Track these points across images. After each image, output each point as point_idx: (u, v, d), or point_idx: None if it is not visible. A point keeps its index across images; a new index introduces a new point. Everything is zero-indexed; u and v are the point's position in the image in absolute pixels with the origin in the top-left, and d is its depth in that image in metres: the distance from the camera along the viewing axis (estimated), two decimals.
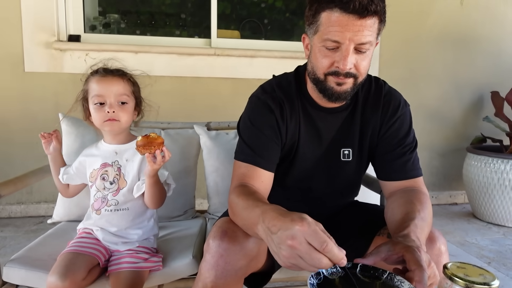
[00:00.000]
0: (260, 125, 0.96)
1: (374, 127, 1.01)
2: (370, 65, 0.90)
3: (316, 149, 1.02)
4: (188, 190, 1.46)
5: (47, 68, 2.38)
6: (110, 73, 1.07)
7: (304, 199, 1.08)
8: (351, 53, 0.83)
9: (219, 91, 2.57)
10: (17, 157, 2.40)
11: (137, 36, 2.85)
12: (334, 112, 1.00)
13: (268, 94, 0.98)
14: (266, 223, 0.68)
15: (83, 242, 1.07)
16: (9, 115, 2.39)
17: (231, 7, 3.24)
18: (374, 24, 0.83)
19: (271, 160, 0.96)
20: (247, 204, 0.80)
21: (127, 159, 1.10)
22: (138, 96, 1.13)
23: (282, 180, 1.04)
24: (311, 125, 1.00)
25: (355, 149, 1.03)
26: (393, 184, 0.99)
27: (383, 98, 1.00)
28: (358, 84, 0.90)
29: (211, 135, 1.46)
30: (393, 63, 2.76)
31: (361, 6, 0.79)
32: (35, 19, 2.33)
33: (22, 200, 2.49)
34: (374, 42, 0.86)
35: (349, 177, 1.07)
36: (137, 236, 1.10)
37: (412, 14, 2.75)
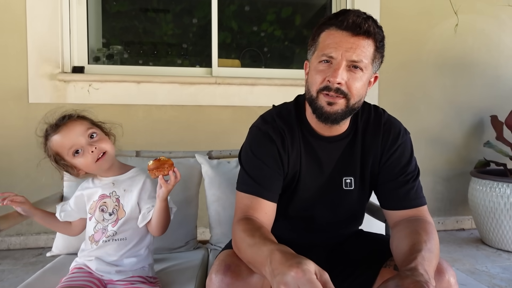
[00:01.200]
0: (262, 155, 0.96)
1: (375, 155, 1.01)
2: (364, 91, 0.91)
3: (317, 178, 1.01)
4: (189, 220, 1.44)
5: (51, 99, 2.41)
6: (61, 123, 1.05)
7: (307, 229, 1.07)
8: (342, 67, 0.86)
9: (220, 119, 2.59)
10: (18, 189, 2.37)
11: (139, 66, 2.91)
12: (334, 141, 1.00)
13: (269, 124, 0.98)
14: (272, 265, 0.67)
15: (75, 277, 1.06)
16: (12, 146, 2.40)
17: (232, 37, 3.33)
18: (367, 46, 0.86)
19: (274, 191, 0.95)
20: (253, 241, 0.79)
21: (125, 189, 1.10)
22: (99, 124, 1.12)
23: (285, 210, 1.03)
24: (312, 155, 1.00)
25: (357, 177, 1.02)
26: (397, 213, 0.98)
27: (383, 126, 1.00)
28: (350, 107, 0.90)
29: (213, 164, 1.45)
30: (392, 89, 2.79)
31: (354, 24, 0.84)
32: (41, 51, 2.39)
33: (21, 231, 2.46)
34: (368, 66, 0.88)
35: (352, 206, 1.06)
36: (131, 264, 1.08)
37: (409, 41, 2.80)
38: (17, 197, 1.11)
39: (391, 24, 2.74)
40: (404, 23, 2.78)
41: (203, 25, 3.20)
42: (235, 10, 3.41)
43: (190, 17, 3.34)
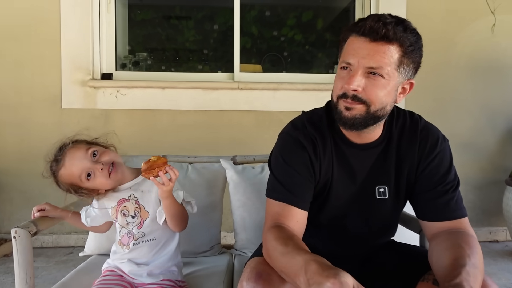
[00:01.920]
0: (293, 162, 0.94)
1: (411, 163, 0.96)
2: (390, 98, 0.88)
3: (349, 186, 0.98)
4: (214, 224, 1.46)
5: (82, 104, 2.52)
6: (60, 156, 1.08)
7: (339, 238, 1.04)
8: (358, 74, 0.84)
9: (242, 124, 2.63)
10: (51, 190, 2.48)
11: (164, 72, 2.99)
12: (366, 148, 0.96)
13: (299, 131, 0.96)
14: (307, 275, 0.67)
15: (107, 280, 1.09)
16: (46, 150, 2.50)
17: (252, 42, 3.37)
18: (389, 52, 0.82)
19: (305, 198, 0.94)
20: (286, 250, 0.78)
21: (142, 191, 1.11)
22: (94, 141, 1.13)
23: (316, 218, 1.01)
24: (344, 162, 0.97)
25: (391, 187, 0.98)
26: (436, 225, 0.93)
27: (420, 133, 0.96)
28: (372, 114, 0.87)
29: (238, 169, 1.47)
30: (420, 94, 2.70)
31: (371, 30, 0.82)
32: (73, 60, 2.50)
33: (54, 230, 2.57)
34: (392, 73, 0.84)
35: (385, 216, 1.03)
36: (162, 263, 1.11)
37: (438, 43, 2.70)
38: (40, 206, 1.17)
39: (418, 24, 2.56)
40: (432, 23, 2.69)
41: (224, 31, 3.26)
42: (255, 16, 3.45)
43: (211, 23, 3.41)
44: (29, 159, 2.52)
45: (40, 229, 1.15)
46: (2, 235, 2.52)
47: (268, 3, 3.53)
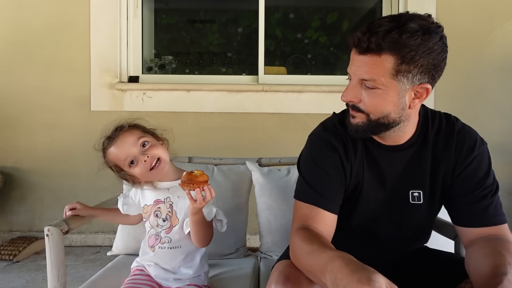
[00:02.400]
0: (323, 164, 0.92)
1: (447, 166, 0.93)
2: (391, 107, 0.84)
3: (380, 190, 0.95)
4: (239, 227, 1.46)
5: (110, 107, 2.58)
6: (114, 135, 1.09)
7: (369, 243, 1.01)
8: (352, 86, 0.85)
9: (266, 126, 2.62)
10: (80, 189, 2.58)
11: (189, 75, 3.03)
12: (397, 150, 0.93)
13: (330, 132, 0.95)
14: (334, 273, 0.65)
15: (137, 279, 1.10)
16: (75, 151, 2.60)
17: (275, 44, 3.36)
18: (380, 63, 0.79)
19: (335, 201, 0.92)
20: (311, 248, 0.77)
21: (178, 196, 1.09)
22: (150, 131, 1.12)
23: (346, 222, 0.98)
24: (374, 164, 0.95)
25: (425, 190, 0.95)
26: (474, 231, 0.89)
27: (456, 136, 0.93)
28: (374, 122, 0.85)
29: (264, 172, 1.46)
30: (450, 94, 2.62)
31: (358, 41, 0.81)
32: (101, 63, 2.57)
33: (82, 229, 2.64)
34: (389, 82, 0.80)
35: (419, 221, 0.99)
36: (187, 275, 1.10)
37: (468, 42, 2.60)
38: (72, 205, 1.19)
39: (448, 23, 2.49)
40: (463, 22, 2.59)
41: (248, 34, 3.26)
42: (279, 18, 3.44)
43: (235, 26, 3.42)
44: (60, 159, 2.61)
45: (72, 227, 1.17)
46: (33, 233, 2.61)
47: (293, 5, 3.52)
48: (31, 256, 2.42)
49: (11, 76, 2.59)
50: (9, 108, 2.60)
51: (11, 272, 2.18)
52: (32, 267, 2.25)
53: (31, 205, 2.63)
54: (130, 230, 1.44)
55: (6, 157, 2.60)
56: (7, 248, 2.37)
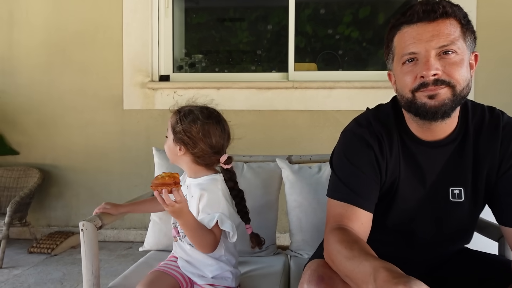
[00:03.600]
0: (357, 161, 0.89)
1: (492, 163, 0.87)
2: (469, 74, 0.82)
3: (418, 188, 0.91)
4: (269, 225, 1.44)
5: (141, 105, 2.64)
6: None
7: (407, 244, 0.97)
8: (432, 57, 0.78)
9: (297, 123, 2.58)
10: (114, 186, 2.66)
11: (218, 73, 3.04)
12: (437, 146, 0.89)
13: (365, 128, 0.91)
14: (377, 283, 0.63)
15: (170, 264, 1.14)
16: (109, 148, 2.68)
17: (305, 41, 3.30)
18: (451, 26, 0.78)
19: (371, 199, 0.89)
20: (352, 254, 0.73)
21: (192, 195, 1.09)
22: (176, 133, 1.08)
23: (381, 221, 0.95)
24: (412, 161, 0.90)
25: (467, 188, 0.90)
26: None
27: (502, 130, 0.87)
28: (458, 95, 0.80)
29: (294, 169, 1.44)
30: (492, 88, 2.48)
31: (426, 12, 0.78)
32: (134, 63, 2.63)
33: (115, 225, 2.72)
34: (462, 46, 0.79)
35: (461, 220, 0.94)
36: (211, 272, 1.09)
37: (511, 34, 2.47)
38: (100, 207, 1.21)
39: (490, 14, 2.45)
40: (506, 11, 2.45)
41: (277, 31, 3.23)
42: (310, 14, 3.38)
43: (264, 23, 3.40)
44: (94, 157, 2.69)
45: (105, 223, 1.20)
46: (69, 228, 2.72)
47: (323, 1, 3.45)
48: (67, 250, 2.51)
49: (49, 77, 2.70)
50: (47, 109, 2.72)
51: (49, 265, 2.27)
52: (68, 260, 2.34)
53: (68, 201, 2.73)
54: (161, 227, 1.45)
55: (44, 155, 2.72)
56: (46, 242, 2.48)
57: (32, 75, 2.71)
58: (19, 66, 2.72)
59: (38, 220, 2.75)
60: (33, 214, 2.71)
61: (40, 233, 2.71)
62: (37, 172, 2.58)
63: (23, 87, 2.72)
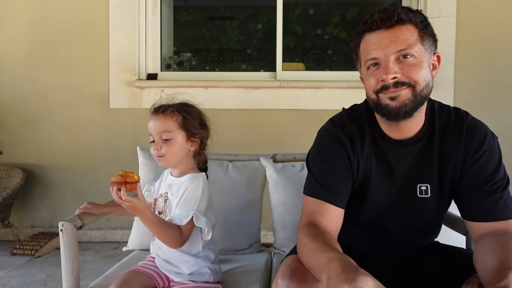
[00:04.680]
0: (330, 159, 0.93)
1: (456, 161, 0.92)
2: (429, 75, 0.86)
3: (388, 184, 0.95)
4: (253, 223, 1.44)
5: (128, 104, 2.61)
6: (154, 112, 1.10)
7: (378, 238, 1.01)
8: (391, 61, 0.83)
9: (284, 122, 2.58)
10: (100, 185, 2.62)
11: (207, 72, 3.02)
12: (406, 144, 0.93)
13: (338, 127, 0.95)
14: (329, 274, 0.66)
15: (147, 264, 1.14)
16: (95, 147, 2.65)
17: (295, 41, 3.31)
18: (408, 31, 0.83)
19: (342, 196, 0.92)
20: (314, 247, 0.77)
21: (173, 194, 1.11)
22: (191, 128, 1.10)
23: (354, 216, 0.99)
24: (382, 159, 0.94)
25: (433, 184, 0.94)
26: (483, 225, 0.88)
27: (466, 130, 0.92)
28: (418, 94, 0.84)
29: (277, 168, 1.44)
30: (471, 90, 2.54)
31: (382, 20, 0.84)
32: (120, 61, 2.60)
33: (101, 226, 2.68)
34: (419, 49, 0.84)
35: (428, 215, 0.98)
36: (188, 268, 1.09)
37: (490, 37, 2.53)
38: (82, 207, 1.20)
39: (470, 17, 2.50)
40: (485, 16, 2.51)
41: (267, 30, 3.23)
42: (299, 14, 3.39)
43: (254, 23, 3.40)
44: (79, 156, 2.66)
45: (85, 223, 1.18)
46: (54, 229, 2.68)
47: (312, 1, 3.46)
48: (52, 251, 2.47)
49: (33, 75, 2.66)
50: (31, 106, 2.67)
51: (32, 266, 2.23)
52: (52, 262, 2.30)
53: (52, 202, 2.69)
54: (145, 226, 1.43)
55: (28, 155, 2.68)
56: (29, 243, 2.44)
57: (15, 72, 2.66)
58: (2, 62, 2.66)
59: (22, 221, 2.70)
60: (17, 215, 2.66)
61: (24, 234, 2.66)
62: (20, 172, 2.54)
63: (6, 84, 2.67)
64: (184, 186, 1.08)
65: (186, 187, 1.07)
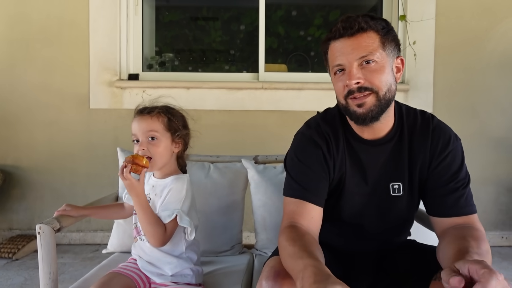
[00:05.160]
0: (307, 161, 0.97)
1: (423, 161, 0.97)
2: (391, 79, 0.91)
3: (362, 183, 0.99)
4: (235, 224, 1.45)
5: (109, 105, 2.57)
6: (140, 113, 1.11)
7: (356, 235, 1.05)
8: (354, 68, 0.88)
9: (266, 124, 2.60)
10: (80, 187, 2.58)
11: (189, 72, 3.01)
12: (377, 144, 0.98)
13: (313, 130, 1.00)
14: (303, 281, 0.68)
15: (128, 266, 1.13)
16: (75, 148, 2.60)
17: (278, 42, 3.34)
18: (369, 38, 0.88)
19: (320, 195, 0.96)
20: (293, 251, 0.79)
21: (156, 194, 1.12)
22: (175, 129, 1.12)
23: (332, 215, 1.02)
24: (355, 159, 0.99)
25: (405, 183, 0.99)
26: (445, 221, 0.94)
27: (432, 132, 0.97)
28: (382, 99, 0.89)
29: (259, 169, 1.45)
30: (449, 92, 2.62)
31: (345, 29, 0.89)
32: (101, 61, 2.57)
33: (81, 228, 2.64)
34: (381, 55, 0.88)
35: (401, 212, 1.02)
36: (170, 269, 1.09)
37: (468, 40, 2.61)
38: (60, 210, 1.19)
39: (448, 21, 2.58)
40: (463, 20, 2.60)
41: (250, 31, 3.25)
42: (282, 16, 3.42)
43: (237, 24, 3.41)
44: (59, 157, 2.61)
45: (64, 225, 1.17)
46: (32, 231, 2.61)
47: (295, 2, 3.49)
48: (30, 254, 2.42)
49: (11, 74, 2.59)
50: (9, 106, 2.60)
51: (10, 270, 2.18)
52: (31, 265, 2.25)
53: (31, 203, 2.63)
54: (126, 228, 1.43)
55: (6, 155, 2.61)
56: (7, 246, 2.37)
57: None
58: None
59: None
60: None
61: (1, 237, 2.59)
62: None
63: None
64: (168, 186, 1.09)
65: (170, 187, 1.09)
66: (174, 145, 1.13)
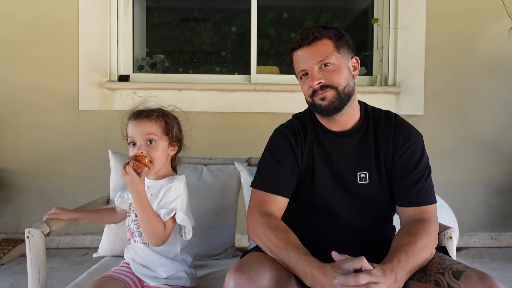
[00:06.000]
0: (275, 153, 1.09)
1: (387, 152, 1.08)
2: (349, 76, 1.05)
3: (329, 173, 1.08)
4: (228, 227, 1.44)
5: (99, 106, 2.54)
6: (137, 116, 1.11)
7: (335, 226, 1.09)
8: (315, 71, 1.02)
9: (258, 126, 2.59)
10: (68, 190, 2.54)
11: (181, 74, 2.99)
12: (344, 136, 1.09)
13: (285, 126, 1.15)
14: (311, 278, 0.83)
15: (120, 270, 1.12)
16: (63, 150, 2.56)
17: (269, 44, 3.34)
18: (324, 45, 1.03)
19: (285, 186, 1.06)
20: (280, 244, 0.92)
21: (152, 194, 1.12)
22: (172, 133, 1.13)
23: (306, 206, 1.10)
24: (323, 149, 1.09)
25: (372, 172, 1.07)
26: (408, 211, 1.04)
27: (394, 129, 1.08)
28: (341, 92, 1.02)
29: (252, 172, 1.44)
30: (439, 95, 2.66)
31: (302, 39, 1.04)
32: (90, 61, 2.53)
33: (69, 231, 2.59)
34: (336, 57, 1.03)
35: (373, 200, 1.09)
36: (165, 272, 1.09)
37: (458, 44, 2.65)
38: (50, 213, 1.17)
39: (438, 24, 2.62)
40: (452, 23, 2.64)
41: (241, 33, 3.24)
42: (273, 18, 3.42)
43: (228, 25, 3.40)
44: (47, 160, 2.56)
45: (54, 229, 1.14)
46: (19, 235, 2.56)
47: (286, 5, 3.50)
48: (16, 259, 2.37)
49: None
50: None
51: None
52: (17, 269, 2.20)
53: (17, 207, 2.57)
54: (117, 232, 1.40)
55: None
56: None
57: None
58: None
59: None
60: None
61: None
62: None
63: None
64: (165, 186, 1.10)
65: (168, 186, 1.10)
66: (170, 148, 1.15)
